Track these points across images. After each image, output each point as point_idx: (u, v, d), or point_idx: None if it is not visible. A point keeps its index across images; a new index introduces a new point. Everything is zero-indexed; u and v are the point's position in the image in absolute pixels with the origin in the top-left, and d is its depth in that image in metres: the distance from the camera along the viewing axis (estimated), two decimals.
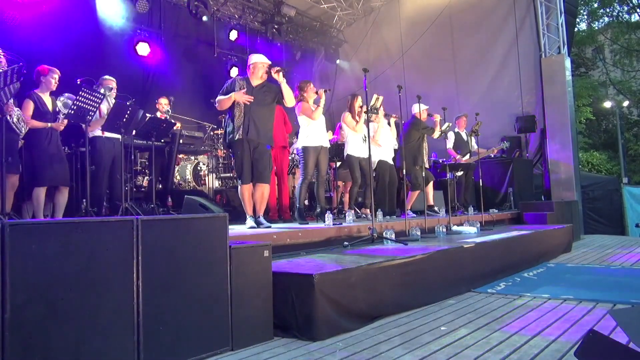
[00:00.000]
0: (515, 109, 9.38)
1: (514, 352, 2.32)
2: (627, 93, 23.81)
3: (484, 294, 3.77)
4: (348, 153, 6.07)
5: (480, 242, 4.39)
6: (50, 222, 2.12)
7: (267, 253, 2.77)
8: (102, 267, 2.11)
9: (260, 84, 4.61)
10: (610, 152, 22.22)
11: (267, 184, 4.60)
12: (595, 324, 2.79)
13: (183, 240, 2.42)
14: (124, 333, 2.14)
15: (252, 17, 10.59)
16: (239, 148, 4.46)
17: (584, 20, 24.97)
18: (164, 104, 6.98)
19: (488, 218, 6.79)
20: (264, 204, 4.67)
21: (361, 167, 6.00)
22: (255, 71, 4.61)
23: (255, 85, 4.58)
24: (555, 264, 5.28)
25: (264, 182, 4.55)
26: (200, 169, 7.83)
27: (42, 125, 4.61)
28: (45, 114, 4.67)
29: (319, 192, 5.52)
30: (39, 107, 4.64)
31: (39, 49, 5.95)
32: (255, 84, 4.59)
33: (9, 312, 1.84)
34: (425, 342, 2.52)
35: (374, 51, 11.56)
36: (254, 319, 2.64)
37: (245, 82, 4.58)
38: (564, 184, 8.75)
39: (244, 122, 4.46)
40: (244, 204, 4.55)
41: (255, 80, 4.61)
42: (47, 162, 4.64)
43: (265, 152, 4.57)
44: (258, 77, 4.61)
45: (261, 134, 4.52)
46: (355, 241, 4.30)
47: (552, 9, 9.19)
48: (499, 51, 9.77)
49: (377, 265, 3.10)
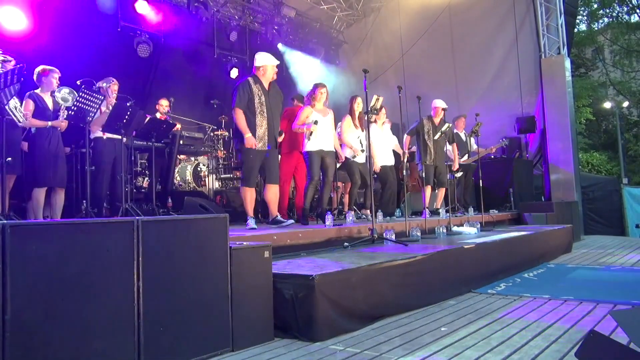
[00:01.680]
0: (515, 110, 9.38)
1: (514, 353, 2.32)
2: (627, 94, 23.82)
3: (484, 294, 3.77)
4: (346, 156, 6.07)
5: (481, 242, 4.39)
6: (50, 223, 2.12)
7: (268, 254, 2.77)
8: (103, 268, 2.11)
9: (270, 87, 4.65)
10: (610, 153, 22.23)
11: (278, 185, 4.75)
12: (595, 325, 2.79)
13: (183, 241, 2.42)
14: (124, 334, 2.14)
15: (252, 18, 10.58)
16: (254, 154, 4.48)
17: (584, 21, 25.02)
18: (164, 105, 6.99)
19: (488, 219, 6.79)
20: (277, 203, 4.77)
21: (360, 168, 6.01)
22: (266, 74, 4.60)
23: (268, 89, 4.62)
24: (555, 265, 5.28)
25: (276, 182, 4.70)
26: (200, 170, 7.83)
27: (42, 124, 4.60)
28: (45, 113, 4.67)
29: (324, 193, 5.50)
30: (40, 106, 4.65)
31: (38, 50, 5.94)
32: (267, 87, 4.63)
33: (10, 314, 1.83)
34: (426, 343, 2.52)
35: (374, 52, 11.56)
36: (254, 320, 2.64)
37: (260, 87, 4.56)
38: (564, 184, 8.74)
39: (268, 132, 4.52)
40: (247, 205, 4.59)
41: (266, 82, 4.62)
42: (47, 163, 4.64)
43: (275, 155, 4.71)
44: (269, 79, 4.62)
45: (275, 138, 4.63)
46: (355, 242, 4.30)
47: (552, 10, 9.19)
48: (498, 52, 9.77)
49: (377, 265, 3.10)
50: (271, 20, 10.47)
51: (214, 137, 8.16)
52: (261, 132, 4.48)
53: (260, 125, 4.48)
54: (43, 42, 6.23)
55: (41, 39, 6.29)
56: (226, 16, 10.04)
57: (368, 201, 6.01)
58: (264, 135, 4.49)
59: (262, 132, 4.48)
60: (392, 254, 3.53)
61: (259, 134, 4.47)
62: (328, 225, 4.61)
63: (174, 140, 6.96)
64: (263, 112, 4.49)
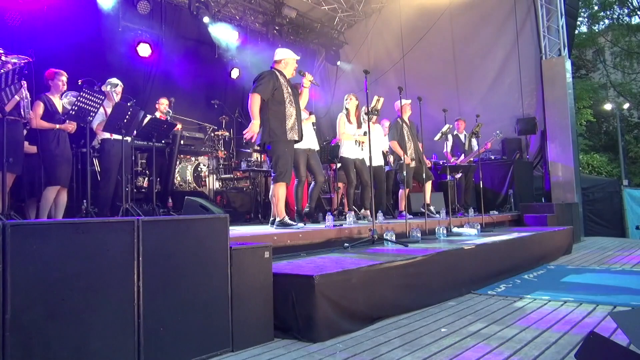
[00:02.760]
0: (516, 111, 9.39)
1: (514, 354, 2.32)
2: (628, 95, 23.83)
3: (484, 295, 3.77)
4: (342, 155, 6.09)
5: (481, 243, 4.39)
6: (51, 223, 2.12)
7: (268, 254, 2.77)
8: (103, 268, 2.11)
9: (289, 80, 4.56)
10: (611, 154, 22.23)
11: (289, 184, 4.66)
12: (595, 326, 2.79)
13: (183, 242, 2.42)
14: (124, 334, 2.14)
15: (253, 19, 10.60)
16: (287, 146, 4.33)
17: (584, 23, 25.02)
18: (164, 104, 6.99)
19: (488, 220, 6.79)
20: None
21: (356, 167, 6.02)
22: (288, 67, 4.50)
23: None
24: (555, 266, 5.28)
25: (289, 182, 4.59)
26: (201, 170, 7.84)
27: (49, 126, 4.68)
28: (54, 116, 4.76)
29: (313, 192, 5.52)
30: (49, 108, 4.73)
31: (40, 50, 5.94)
32: None
33: (10, 313, 1.84)
34: (426, 344, 2.52)
35: (374, 53, 11.57)
36: (254, 320, 2.64)
37: (284, 79, 4.43)
38: (564, 186, 8.74)
39: (297, 123, 4.38)
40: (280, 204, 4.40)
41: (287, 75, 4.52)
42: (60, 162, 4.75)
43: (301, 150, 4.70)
44: (289, 73, 4.52)
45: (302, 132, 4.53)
46: (355, 242, 4.30)
47: (553, 11, 9.19)
48: (499, 53, 9.77)
49: (377, 266, 3.10)
50: (272, 21, 10.47)
51: (214, 137, 8.16)
52: (291, 122, 4.32)
53: (290, 115, 4.32)
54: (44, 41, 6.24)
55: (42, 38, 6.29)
56: (227, 17, 10.05)
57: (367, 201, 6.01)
58: (294, 125, 4.34)
59: (292, 123, 4.32)
60: (392, 255, 3.53)
61: (289, 125, 4.30)
62: (328, 225, 4.61)
63: (174, 140, 6.96)
64: (292, 102, 4.36)
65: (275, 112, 4.30)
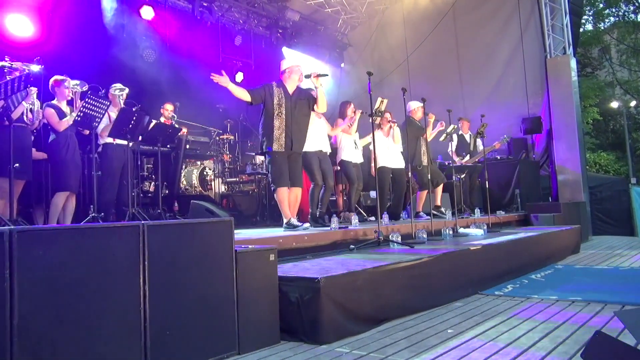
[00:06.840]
0: (521, 110, 9.34)
1: (521, 355, 2.31)
2: (634, 93, 23.64)
3: (491, 296, 3.75)
4: (342, 159, 6.13)
5: (487, 244, 4.37)
6: (57, 228, 2.14)
7: (273, 257, 2.78)
8: (109, 272, 2.12)
9: (295, 91, 4.72)
10: (618, 153, 22.06)
11: (301, 188, 4.80)
12: (603, 326, 2.77)
13: (189, 245, 2.43)
14: (131, 338, 2.15)
15: (257, 22, 10.63)
16: (277, 156, 4.60)
17: (589, 21, 24.88)
18: (169, 109, 7.03)
19: (495, 220, 6.76)
20: (297, 206, 4.82)
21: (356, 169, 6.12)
22: (292, 75, 4.70)
23: (291, 93, 4.69)
24: (563, 266, 5.25)
25: (299, 186, 4.75)
26: (207, 174, 7.86)
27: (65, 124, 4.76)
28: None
29: (324, 196, 5.53)
30: (60, 115, 4.78)
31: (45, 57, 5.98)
32: (292, 91, 4.70)
33: (18, 319, 1.85)
34: (432, 345, 2.52)
35: (378, 54, 11.56)
36: (260, 323, 2.65)
37: (282, 90, 4.66)
38: (571, 185, 8.68)
39: (286, 134, 4.60)
40: (283, 206, 4.65)
41: (291, 85, 4.71)
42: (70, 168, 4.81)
43: (299, 158, 4.79)
44: (295, 81, 4.71)
45: (298, 144, 4.70)
46: (361, 244, 4.30)
47: (557, 10, 9.15)
48: (503, 52, 9.75)
49: (383, 268, 3.09)
50: (276, 24, 10.50)
51: (219, 141, 8.19)
52: (277, 134, 4.60)
53: (277, 127, 4.60)
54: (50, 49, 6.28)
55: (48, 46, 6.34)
56: (231, 20, 10.09)
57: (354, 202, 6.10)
58: (280, 136, 4.60)
59: (278, 134, 4.60)
60: (398, 256, 3.52)
61: (275, 136, 4.59)
62: (333, 227, 4.61)
63: (180, 145, 6.99)
64: (281, 114, 4.60)
65: (265, 124, 4.67)
